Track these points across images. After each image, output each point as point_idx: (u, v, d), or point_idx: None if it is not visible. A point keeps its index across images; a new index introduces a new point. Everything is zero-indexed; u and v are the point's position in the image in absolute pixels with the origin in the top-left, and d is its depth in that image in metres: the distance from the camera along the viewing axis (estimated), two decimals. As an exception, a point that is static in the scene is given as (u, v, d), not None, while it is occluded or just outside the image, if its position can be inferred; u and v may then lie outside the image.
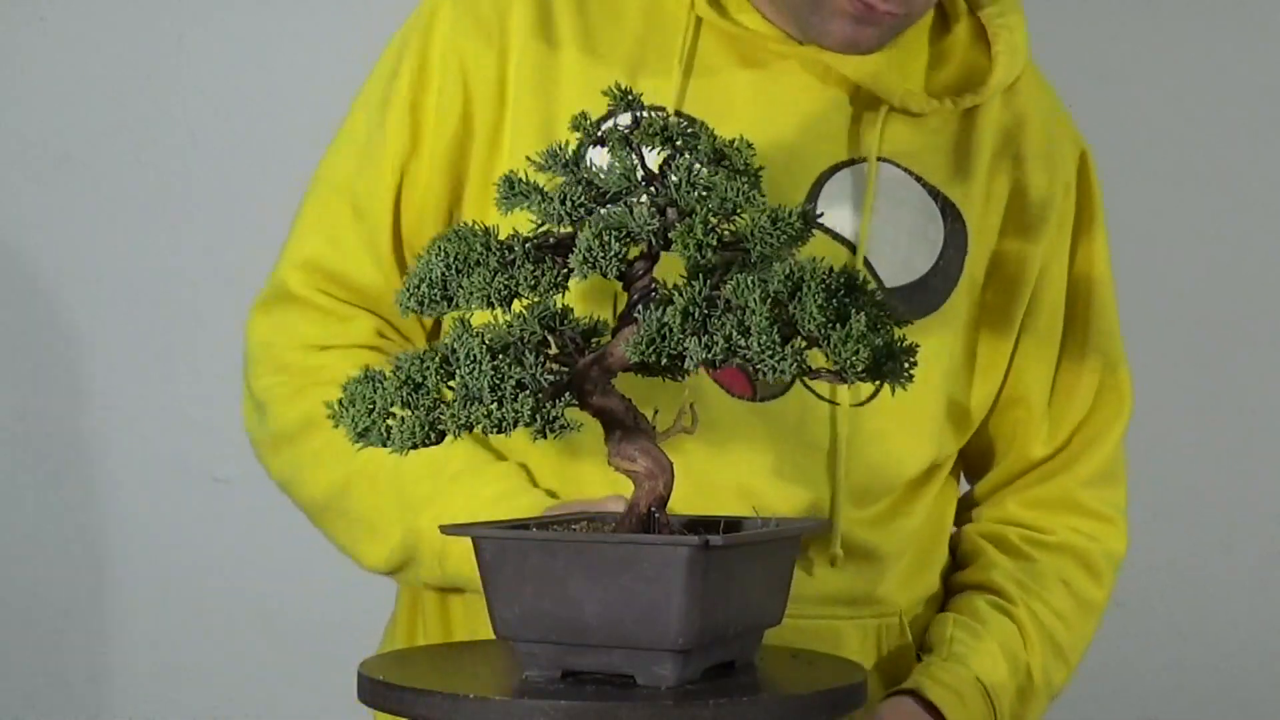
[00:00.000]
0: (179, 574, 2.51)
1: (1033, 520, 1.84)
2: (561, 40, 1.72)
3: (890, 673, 1.77)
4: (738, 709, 1.37)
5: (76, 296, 2.48)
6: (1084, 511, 1.85)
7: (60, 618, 2.50)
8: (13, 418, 2.49)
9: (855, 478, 1.72)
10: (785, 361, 1.35)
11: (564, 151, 1.44)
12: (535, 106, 1.71)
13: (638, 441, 1.42)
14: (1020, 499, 1.85)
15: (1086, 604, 1.84)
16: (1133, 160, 2.44)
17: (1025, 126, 1.79)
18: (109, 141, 2.48)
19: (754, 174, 1.42)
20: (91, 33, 2.46)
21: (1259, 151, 2.45)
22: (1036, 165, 1.79)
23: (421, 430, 1.38)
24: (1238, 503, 2.47)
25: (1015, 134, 1.78)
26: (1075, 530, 1.84)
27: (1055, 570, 1.82)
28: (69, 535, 2.50)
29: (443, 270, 1.41)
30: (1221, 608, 2.47)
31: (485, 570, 1.41)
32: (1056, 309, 1.82)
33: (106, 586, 2.51)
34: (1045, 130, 1.80)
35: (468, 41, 1.73)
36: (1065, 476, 1.84)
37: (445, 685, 1.41)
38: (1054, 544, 1.83)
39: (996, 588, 1.80)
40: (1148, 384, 2.45)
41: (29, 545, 2.50)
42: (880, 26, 1.68)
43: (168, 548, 2.50)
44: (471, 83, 1.73)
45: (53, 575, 2.50)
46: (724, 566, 1.38)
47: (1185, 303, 2.45)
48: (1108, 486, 1.86)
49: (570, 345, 1.42)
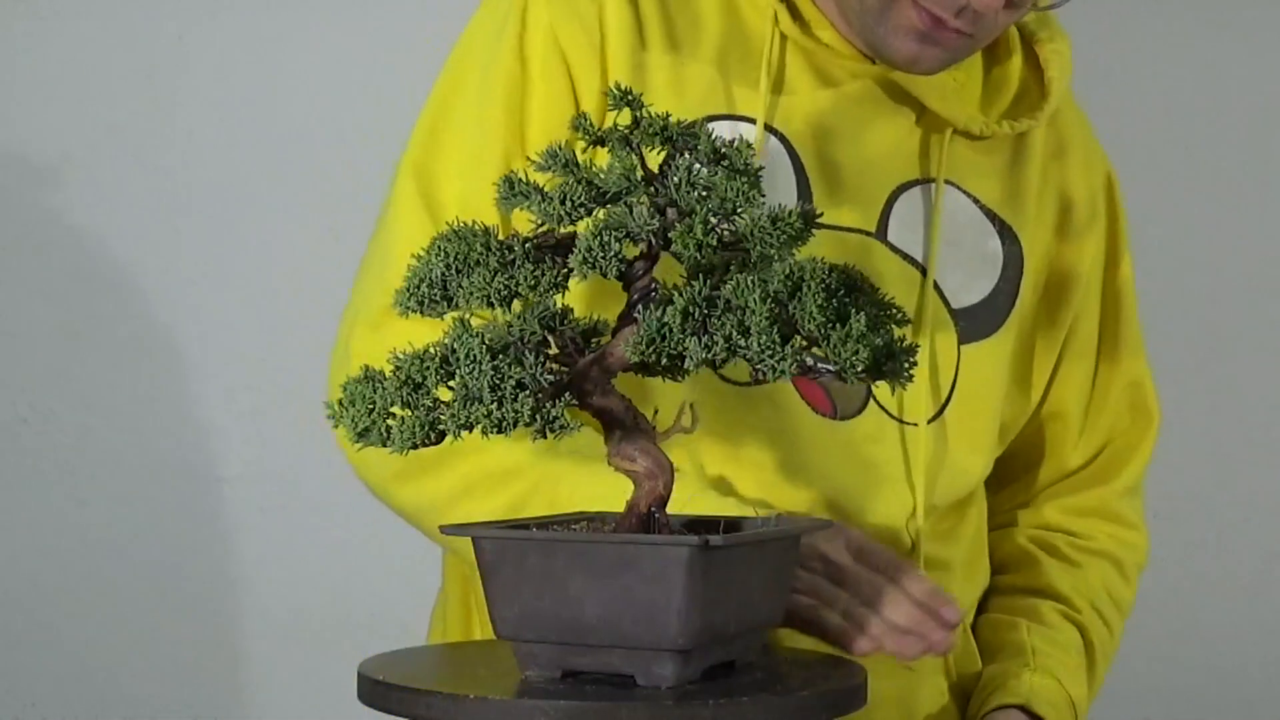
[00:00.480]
0: (179, 574, 2.51)
1: (1074, 527, 1.88)
2: (651, 41, 1.71)
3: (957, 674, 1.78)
4: (738, 709, 1.37)
5: (76, 296, 2.48)
6: (1120, 520, 1.89)
7: (60, 618, 2.50)
8: (13, 417, 2.49)
9: (927, 494, 1.74)
10: (785, 361, 1.35)
11: (564, 151, 1.44)
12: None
13: (638, 441, 1.42)
14: (1059, 506, 1.89)
15: (1123, 609, 1.89)
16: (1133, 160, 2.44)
17: (1068, 149, 1.83)
18: (109, 141, 2.48)
19: (754, 174, 1.42)
20: (91, 32, 2.46)
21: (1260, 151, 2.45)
22: (1078, 186, 1.83)
23: (421, 430, 1.38)
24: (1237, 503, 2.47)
25: (1059, 157, 1.82)
26: (1113, 537, 1.88)
27: (1101, 578, 1.87)
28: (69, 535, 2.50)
29: (443, 270, 1.41)
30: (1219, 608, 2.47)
31: (485, 570, 1.41)
32: (1092, 326, 1.86)
33: (106, 586, 2.51)
34: (1083, 152, 1.84)
35: (569, 36, 1.70)
36: (1103, 488, 1.88)
37: (445, 685, 1.41)
38: (1097, 549, 1.87)
39: (1062, 596, 1.84)
40: (1147, 384, 2.46)
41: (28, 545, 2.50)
42: (945, 47, 1.68)
43: (167, 548, 2.50)
44: (577, 76, 1.70)
45: (52, 575, 2.50)
46: (724, 566, 1.38)
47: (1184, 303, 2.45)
48: (1137, 496, 1.91)
49: (570, 345, 1.42)
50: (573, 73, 1.70)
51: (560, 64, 1.70)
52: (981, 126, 1.75)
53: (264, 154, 2.49)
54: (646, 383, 1.45)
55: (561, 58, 1.70)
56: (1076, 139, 1.84)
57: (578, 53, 1.70)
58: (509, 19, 1.71)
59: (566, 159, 1.43)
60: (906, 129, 1.75)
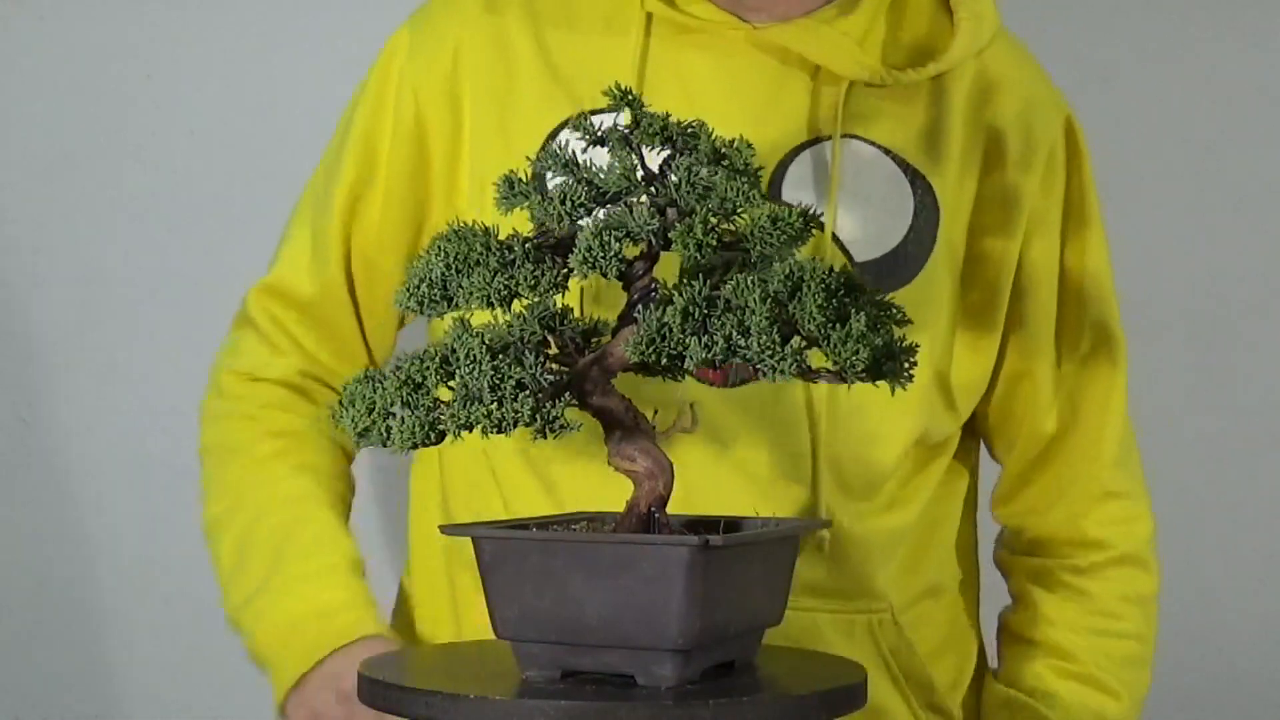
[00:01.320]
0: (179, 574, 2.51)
1: (1087, 533, 1.84)
2: (518, 54, 1.74)
3: (898, 668, 1.77)
4: (738, 709, 1.37)
5: (76, 296, 2.48)
6: (1117, 496, 1.85)
7: (60, 618, 2.50)
8: (12, 417, 2.49)
9: (837, 454, 1.71)
10: (785, 361, 1.35)
11: (564, 151, 1.44)
12: (494, 125, 1.74)
13: (638, 441, 1.42)
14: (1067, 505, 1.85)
15: (1147, 602, 1.86)
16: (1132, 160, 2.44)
17: (999, 95, 1.77)
18: (109, 141, 2.48)
19: (754, 174, 1.42)
20: (91, 32, 2.46)
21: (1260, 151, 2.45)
22: (1014, 135, 1.77)
23: (421, 430, 1.38)
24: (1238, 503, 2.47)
25: (988, 103, 1.77)
26: (1119, 530, 1.85)
27: (1115, 593, 1.84)
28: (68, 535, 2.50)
29: (443, 270, 1.41)
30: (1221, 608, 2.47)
31: (485, 570, 1.41)
32: (1051, 278, 1.81)
33: (105, 586, 2.51)
34: (1022, 98, 1.78)
35: (423, 72, 1.76)
36: (1093, 461, 1.84)
37: (445, 685, 1.41)
38: (1109, 560, 1.84)
39: (1060, 651, 1.82)
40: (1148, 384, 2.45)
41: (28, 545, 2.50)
42: None
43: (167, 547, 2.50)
44: (425, 112, 1.76)
45: (52, 575, 2.50)
46: (724, 566, 1.38)
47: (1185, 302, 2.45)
48: (1129, 457, 1.86)
49: (570, 345, 1.42)
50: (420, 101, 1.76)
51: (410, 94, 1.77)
52: (881, 75, 1.72)
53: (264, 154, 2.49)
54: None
55: (413, 88, 1.77)
56: (1011, 78, 1.78)
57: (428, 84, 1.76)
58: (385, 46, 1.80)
59: (566, 159, 1.43)
60: (799, 88, 1.72)
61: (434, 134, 1.76)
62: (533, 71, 1.73)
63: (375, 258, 1.79)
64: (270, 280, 1.83)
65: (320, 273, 1.80)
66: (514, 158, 1.70)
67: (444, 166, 1.76)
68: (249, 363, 1.82)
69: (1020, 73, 1.80)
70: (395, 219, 1.78)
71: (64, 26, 2.46)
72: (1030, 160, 1.77)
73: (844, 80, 1.72)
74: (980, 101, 1.76)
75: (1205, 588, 2.47)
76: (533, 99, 1.73)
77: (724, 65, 1.72)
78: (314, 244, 1.81)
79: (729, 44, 1.72)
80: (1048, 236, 1.80)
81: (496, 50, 1.75)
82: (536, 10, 1.76)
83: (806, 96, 1.72)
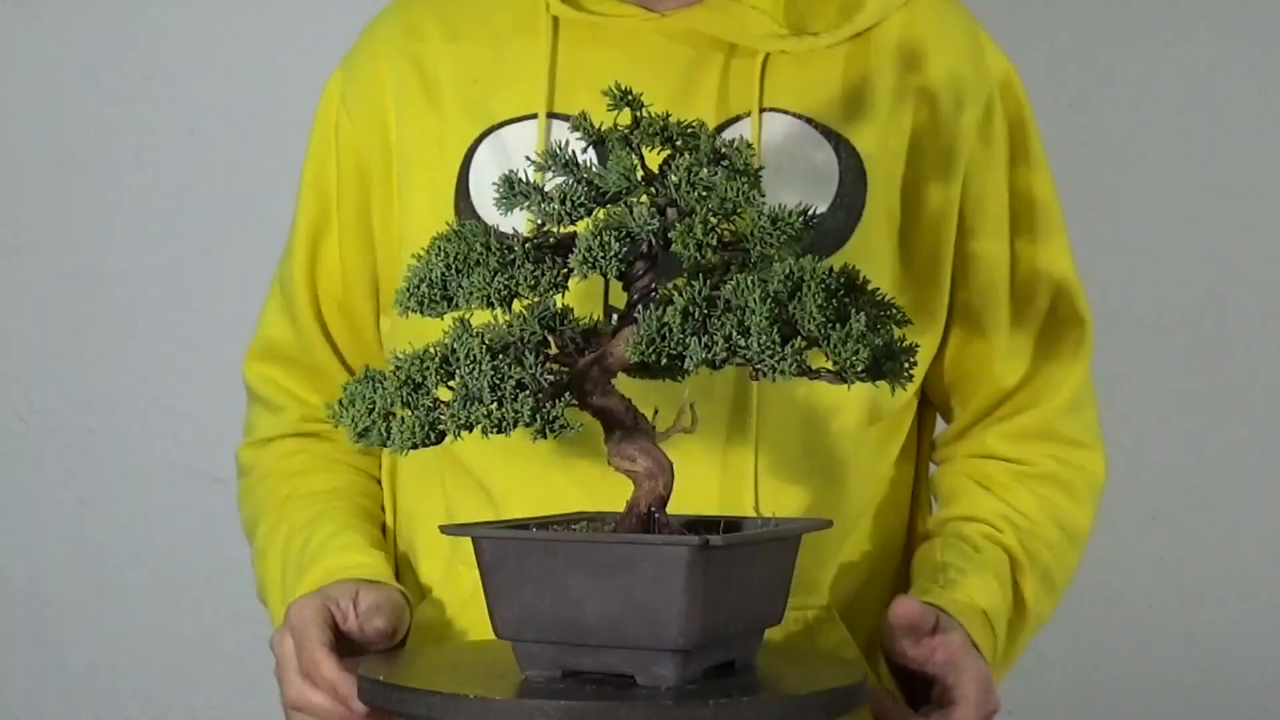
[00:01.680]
0: (179, 574, 2.51)
1: (1014, 453, 1.81)
2: (439, 82, 1.75)
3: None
4: (738, 709, 1.37)
5: (76, 296, 2.48)
6: (1063, 439, 1.81)
7: (60, 617, 2.50)
8: (13, 417, 2.49)
9: (774, 430, 1.69)
10: (785, 362, 1.35)
11: (564, 151, 1.44)
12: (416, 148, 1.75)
13: (638, 441, 1.42)
14: (999, 432, 1.82)
15: (1072, 532, 1.81)
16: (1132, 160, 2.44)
17: (927, 50, 1.75)
18: (109, 141, 2.48)
19: (754, 174, 1.42)
20: (91, 32, 2.46)
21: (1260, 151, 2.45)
22: (946, 89, 1.75)
23: (421, 430, 1.38)
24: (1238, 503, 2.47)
25: (916, 59, 1.75)
26: (1056, 459, 1.81)
27: (1041, 501, 1.79)
28: (68, 535, 2.50)
29: (443, 270, 1.41)
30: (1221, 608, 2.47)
31: (485, 570, 1.42)
32: (999, 236, 1.78)
33: (106, 586, 2.51)
34: (953, 53, 1.76)
35: (358, 113, 1.78)
36: (1041, 408, 1.81)
37: (445, 685, 1.41)
38: (1037, 474, 1.80)
39: (984, 519, 1.78)
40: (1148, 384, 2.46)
41: (29, 545, 2.50)
42: None
43: (167, 548, 2.50)
44: (363, 151, 1.78)
45: (53, 575, 2.50)
46: (724, 566, 1.38)
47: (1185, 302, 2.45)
48: (1083, 412, 1.83)
49: (570, 345, 1.42)
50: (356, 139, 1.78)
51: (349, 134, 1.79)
52: (793, 44, 1.71)
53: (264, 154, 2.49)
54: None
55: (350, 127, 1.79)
56: (939, 33, 1.76)
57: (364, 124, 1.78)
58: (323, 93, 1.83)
59: (566, 159, 1.43)
60: (714, 70, 1.71)
61: (373, 170, 1.78)
62: (450, 87, 1.75)
63: (343, 298, 1.82)
64: (255, 344, 1.88)
65: (295, 321, 1.84)
66: (435, 179, 1.73)
67: (382, 199, 1.78)
68: (258, 432, 1.87)
69: (949, 27, 1.77)
70: (354, 259, 1.81)
71: (64, 26, 2.46)
72: (964, 112, 1.75)
73: (759, 54, 1.71)
74: (908, 58, 1.74)
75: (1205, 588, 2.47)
76: (450, 115, 1.74)
77: (636, 57, 1.72)
78: (284, 296, 1.85)
79: (640, 36, 1.72)
80: (990, 187, 1.77)
81: (416, 72, 1.76)
82: (452, 27, 1.77)
83: (722, 75, 1.72)
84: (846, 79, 1.73)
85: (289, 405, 1.85)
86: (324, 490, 1.81)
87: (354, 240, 1.81)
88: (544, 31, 1.73)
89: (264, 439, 1.86)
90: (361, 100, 1.79)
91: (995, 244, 1.78)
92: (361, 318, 1.82)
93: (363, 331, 1.83)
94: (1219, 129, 2.44)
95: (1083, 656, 2.43)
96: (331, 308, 1.83)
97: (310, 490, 1.81)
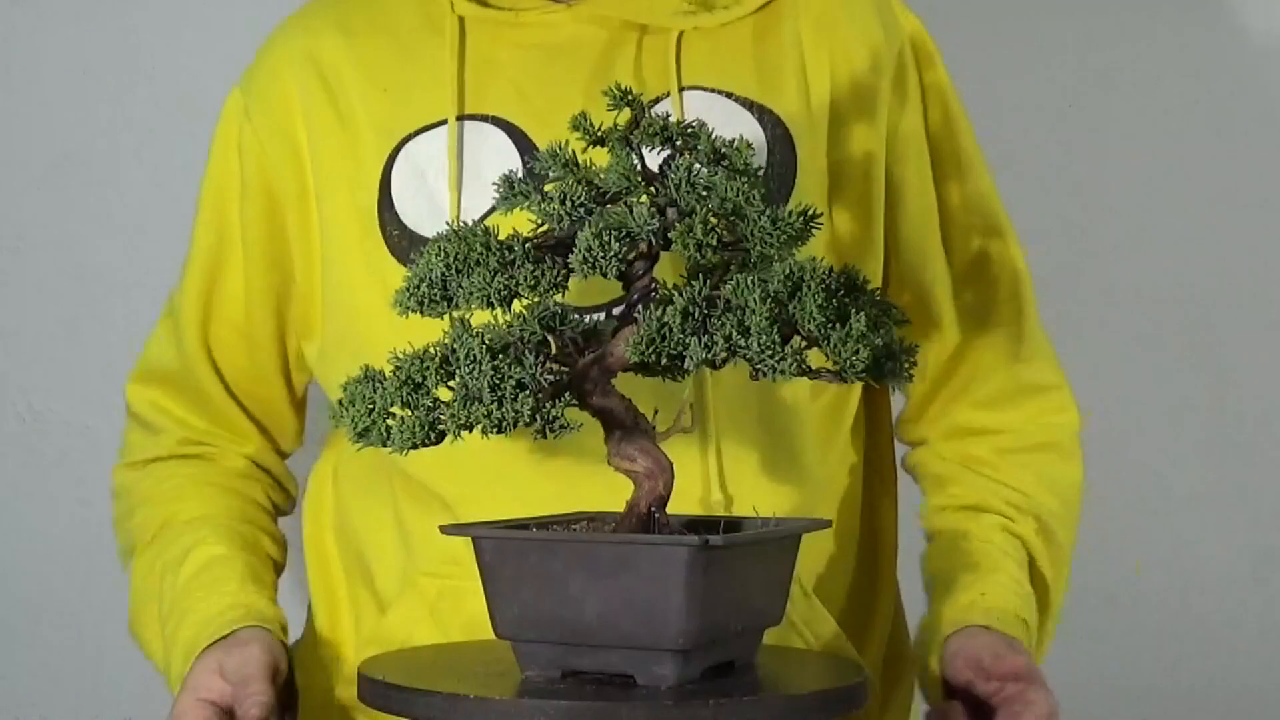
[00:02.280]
0: (179, 574, 2.51)
1: (991, 422, 1.80)
2: (346, 90, 1.73)
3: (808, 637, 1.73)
4: (738, 709, 1.37)
5: (76, 296, 2.48)
6: (1034, 390, 1.81)
7: (61, 617, 2.50)
8: (13, 417, 2.49)
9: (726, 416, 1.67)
10: (785, 361, 1.35)
11: (564, 151, 1.44)
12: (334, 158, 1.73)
13: (638, 441, 1.42)
14: (968, 403, 1.81)
15: (1070, 489, 1.81)
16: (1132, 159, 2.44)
17: (834, 14, 1.75)
18: (109, 141, 2.48)
19: (754, 174, 1.42)
20: (91, 32, 2.46)
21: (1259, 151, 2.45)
22: (859, 51, 1.74)
23: (421, 430, 1.38)
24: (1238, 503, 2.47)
25: (824, 25, 1.74)
26: (1036, 420, 1.81)
27: (1035, 475, 1.79)
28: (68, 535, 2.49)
29: (443, 270, 1.41)
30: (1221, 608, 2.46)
31: (485, 570, 1.42)
32: (924, 184, 1.78)
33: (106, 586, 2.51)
34: (862, 15, 1.76)
35: (262, 130, 1.76)
36: (1001, 366, 1.80)
37: (445, 685, 1.41)
38: (1023, 445, 1.80)
39: (991, 508, 1.77)
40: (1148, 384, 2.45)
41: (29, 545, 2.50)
42: None
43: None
44: (270, 170, 1.76)
45: (52, 575, 2.50)
46: (724, 566, 1.38)
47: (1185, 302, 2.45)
48: (1040, 353, 1.82)
49: (570, 345, 1.42)
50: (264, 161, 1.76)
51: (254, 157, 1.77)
52: (703, 19, 1.70)
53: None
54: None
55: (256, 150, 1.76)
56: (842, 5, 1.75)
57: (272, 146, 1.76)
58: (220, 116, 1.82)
59: (567, 159, 1.43)
60: (630, 52, 1.71)
61: (282, 189, 1.76)
62: (358, 95, 1.73)
63: (244, 323, 1.80)
64: (138, 366, 1.87)
65: (180, 345, 1.83)
66: (356, 190, 1.71)
67: (298, 218, 1.76)
68: (135, 454, 1.86)
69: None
70: (259, 281, 1.79)
71: (64, 26, 2.46)
72: (878, 69, 1.75)
73: (672, 32, 1.71)
74: (817, 25, 1.74)
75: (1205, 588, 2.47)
76: (364, 124, 1.72)
77: (548, 49, 1.71)
78: (172, 320, 1.84)
79: (550, 27, 1.72)
80: (911, 140, 1.77)
81: (323, 82, 1.74)
82: (352, 30, 1.75)
83: (636, 58, 1.71)
84: (759, 50, 1.73)
85: (169, 427, 1.84)
86: (197, 517, 1.79)
87: (261, 262, 1.78)
88: (450, 31, 1.72)
89: (142, 460, 1.85)
90: (267, 118, 1.76)
91: (921, 192, 1.77)
92: (262, 340, 1.80)
93: (259, 353, 1.81)
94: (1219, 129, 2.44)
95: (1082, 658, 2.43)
96: (225, 332, 1.81)
97: (185, 519, 1.79)
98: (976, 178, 1.81)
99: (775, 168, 1.70)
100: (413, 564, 1.72)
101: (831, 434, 1.77)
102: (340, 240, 1.72)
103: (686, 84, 1.71)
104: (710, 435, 1.67)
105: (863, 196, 1.74)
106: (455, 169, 1.68)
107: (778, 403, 1.71)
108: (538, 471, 1.65)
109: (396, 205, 1.70)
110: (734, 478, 1.68)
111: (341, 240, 1.72)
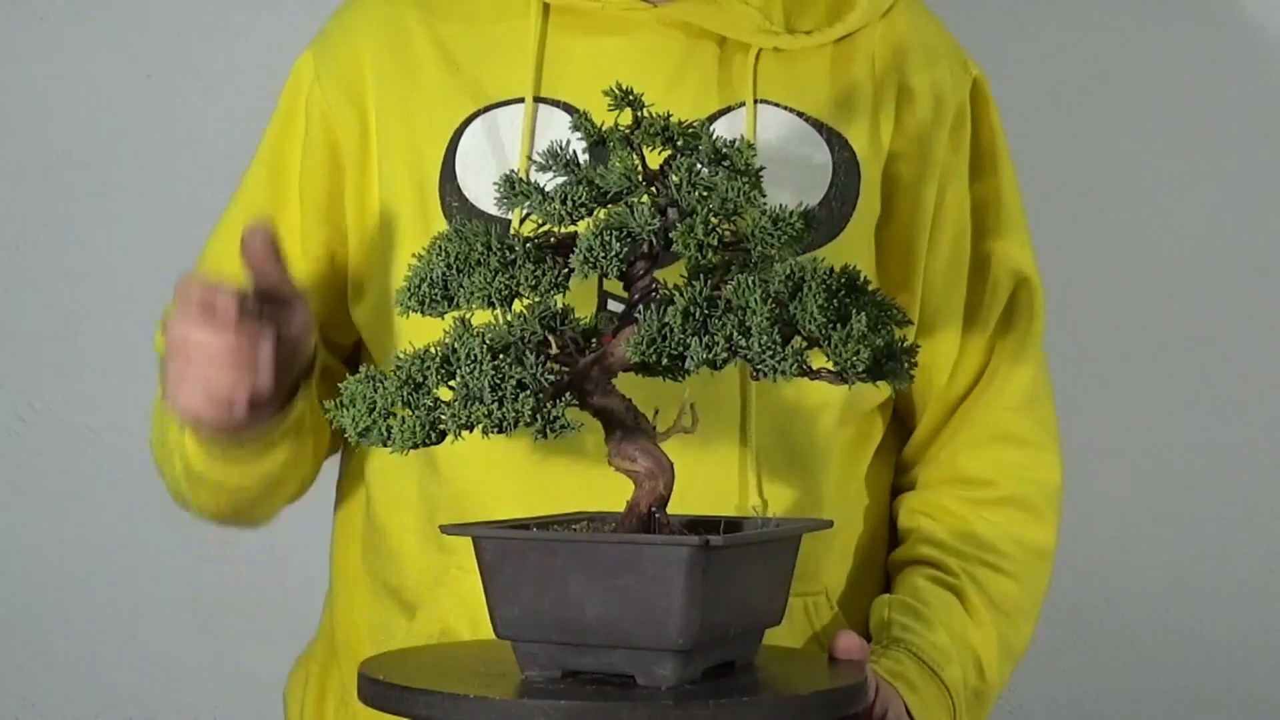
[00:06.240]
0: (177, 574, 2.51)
1: (969, 469, 1.81)
2: (421, 62, 1.75)
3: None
4: (738, 709, 1.37)
5: (76, 296, 2.48)
6: (1017, 441, 1.82)
7: (60, 617, 2.50)
8: (13, 417, 2.49)
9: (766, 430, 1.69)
10: (786, 362, 1.35)
11: (564, 151, 1.44)
12: (398, 126, 1.74)
13: (638, 441, 1.42)
14: (955, 444, 1.82)
15: (1036, 552, 1.82)
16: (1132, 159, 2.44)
17: (907, 55, 1.79)
18: (109, 141, 2.48)
19: (754, 174, 1.43)
20: (91, 33, 2.46)
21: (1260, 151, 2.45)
22: (924, 92, 1.78)
23: (422, 430, 1.38)
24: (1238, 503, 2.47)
25: (897, 65, 1.78)
26: (1011, 474, 1.81)
27: (1002, 527, 1.80)
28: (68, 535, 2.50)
29: (443, 270, 1.41)
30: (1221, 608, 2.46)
31: (485, 570, 1.42)
32: (962, 230, 1.81)
33: (106, 586, 2.51)
34: (930, 58, 1.79)
35: (331, 92, 1.77)
36: (992, 404, 1.81)
37: (445, 685, 1.41)
38: (995, 499, 1.81)
39: (935, 561, 1.78)
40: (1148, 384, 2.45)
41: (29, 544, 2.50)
42: None
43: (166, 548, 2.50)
44: (336, 133, 1.77)
45: (52, 575, 2.50)
46: (724, 566, 1.38)
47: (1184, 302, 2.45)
48: (1036, 409, 1.83)
49: (570, 345, 1.42)
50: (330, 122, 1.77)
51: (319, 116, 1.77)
52: (787, 41, 1.73)
53: (264, 154, 2.48)
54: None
55: (321, 110, 1.77)
56: (918, 39, 1.79)
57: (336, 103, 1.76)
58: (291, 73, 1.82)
59: (567, 159, 1.43)
60: (708, 59, 1.73)
61: (347, 148, 1.77)
62: (432, 67, 1.75)
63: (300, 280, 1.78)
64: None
65: None
66: (420, 158, 1.73)
67: (356, 179, 1.76)
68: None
69: (927, 34, 1.81)
70: (315, 235, 1.78)
71: (64, 26, 2.46)
72: (940, 117, 1.78)
73: (751, 48, 1.73)
74: (889, 62, 1.78)
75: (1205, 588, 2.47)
76: (435, 95, 1.74)
77: (628, 45, 1.73)
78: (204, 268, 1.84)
79: (632, 24, 1.73)
80: (958, 190, 1.80)
81: (396, 51, 1.76)
82: (432, 11, 1.77)
83: (716, 66, 1.73)
84: (834, 78, 1.76)
85: None
86: None
87: (316, 216, 1.78)
88: (533, 16, 1.74)
89: None
90: (337, 77, 1.77)
91: (955, 245, 1.80)
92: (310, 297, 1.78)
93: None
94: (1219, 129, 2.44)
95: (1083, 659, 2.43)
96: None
97: None
98: (1013, 230, 1.83)
99: (839, 189, 1.73)
100: (446, 558, 1.72)
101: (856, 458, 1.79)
102: (396, 202, 1.73)
103: (760, 98, 1.73)
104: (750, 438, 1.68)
105: (909, 238, 1.78)
106: (527, 147, 1.69)
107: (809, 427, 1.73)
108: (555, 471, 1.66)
109: (459, 176, 1.71)
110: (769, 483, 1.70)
111: (397, 203, 1.73)
